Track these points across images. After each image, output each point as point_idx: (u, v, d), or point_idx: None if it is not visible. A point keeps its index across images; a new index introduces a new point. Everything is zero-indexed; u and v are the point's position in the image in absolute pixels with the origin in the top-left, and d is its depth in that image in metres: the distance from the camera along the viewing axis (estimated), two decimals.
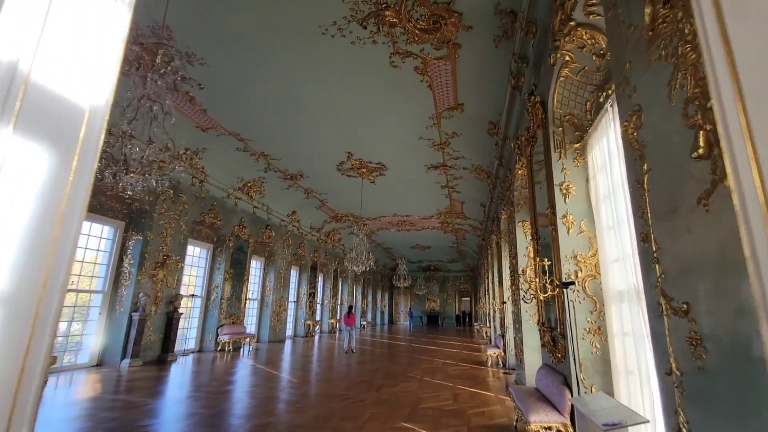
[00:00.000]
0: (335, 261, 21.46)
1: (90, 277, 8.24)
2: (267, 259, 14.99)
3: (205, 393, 6.16)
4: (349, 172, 12.43)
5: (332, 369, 9.00)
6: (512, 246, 7.64)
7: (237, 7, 5.80)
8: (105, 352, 8.26)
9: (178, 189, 9.94)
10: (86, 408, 5.09)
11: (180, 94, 7.89)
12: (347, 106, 8.47)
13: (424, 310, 35.81)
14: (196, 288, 11.31)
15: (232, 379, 7.34)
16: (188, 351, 10.71)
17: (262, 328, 14.37)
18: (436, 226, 20.32)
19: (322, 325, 20.21)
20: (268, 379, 7.39)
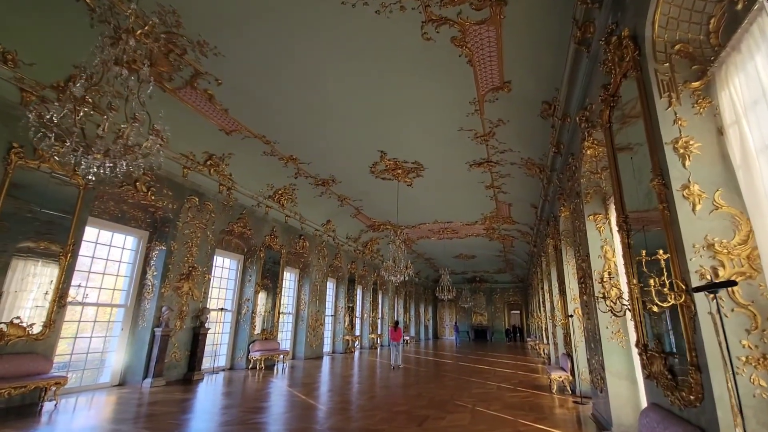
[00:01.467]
0: (374, 273, 20.49)
1: (112, 290, 7.81)
2: (301, 271, 14.30)
3: (227, 421, 5.32)
4: (384, 174, 11.49)
5: (370, 392, 7.91)
6: (580, 247, 6.24)
7: None
8: (127, 371, 7.74)
9: (204, 196, 9.47)
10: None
11: (198, 92, 7.37)
12: (376, 95, 7.56)
13: (471, 324, 33.80)
14: (226, 302, 10.74)
15: (261, 405, 6.48)
16: (218, 369, 10.08)
17: (297, 344, 13.60)
18: (481, 233, 18.82)
19: (362, 340, 19.19)
20: (299, 407, 6.46)
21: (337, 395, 7.52)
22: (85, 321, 7.35)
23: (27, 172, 6.07)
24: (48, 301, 6.16)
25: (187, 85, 7.19)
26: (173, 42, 6.19)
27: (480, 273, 32.94)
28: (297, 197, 12.59)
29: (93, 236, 7.47)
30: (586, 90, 5.16)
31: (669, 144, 2.75)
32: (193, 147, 8.86)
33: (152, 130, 3.16)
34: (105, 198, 7.55)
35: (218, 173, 9.71)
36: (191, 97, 7.50)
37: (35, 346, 5.94)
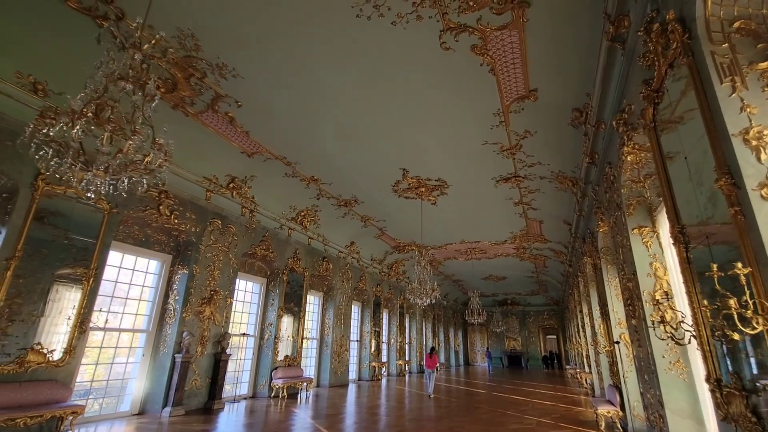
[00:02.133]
0: (400, 296, 19.93)
1: (134, 315, 7.76)
2: (325, 294, 14.01)
3: None
4: (407, 192, 11.20)
5: (398, 426, 7.34)
6: (624, 265, 5.63)
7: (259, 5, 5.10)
8: (147, 399, 7.57)
9: (226, 219, 9.47)
10: None
11: (219, 115, 7.43)
12: (395, 111, 7.36)
13: (504, 349, 32.15)
14: (248, 326, 10.54)
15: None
16: (240, 397, 9.78)
17: (322, 371, 13.15)
18: (511, 252, 18.01)
19: (389, 367, 18.46)
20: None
21: (362, 429, 7.01)
22: (107, 347, 7.29)
23: (64, 200, 6.25)
24: (69, 327, 6.12)
25: (208, 109, 7.27)
26: (193, 66, 6.27)
27: (511, 295, 31.57)
28: (320, 219, 12.46)
29: (117, 260, 7.51)
30: (622, 91, 4.73)
31: (737, 136, 2.30)
32: (216, 170, 8.93)
33: (154, 143, 3.01)
34: (130, 222, 7.62)
35: (241, 196, 9.73)
36: (213, 120, 7.57)
37: (55, 373, 5.86)
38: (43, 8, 5.00)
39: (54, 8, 5.00)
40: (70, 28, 5.21)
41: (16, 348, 5.51)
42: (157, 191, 7.82)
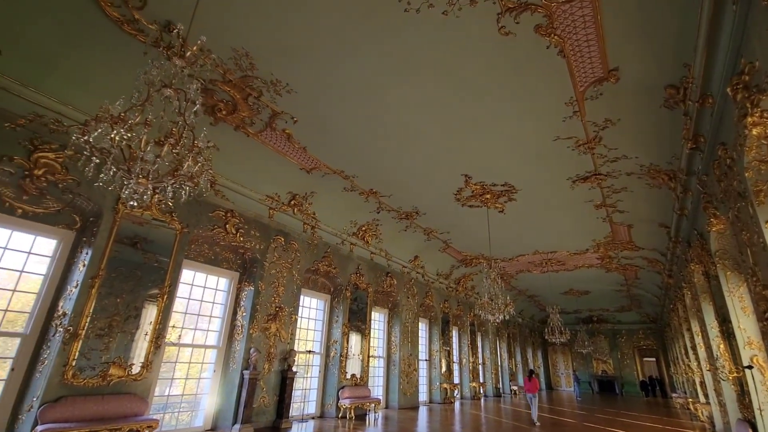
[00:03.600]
0: (470, 312, 18.82)
1: (206, 331, 8.01)
2: (390, 311, 13.59)
3: None
4: (470, 201, 10.50)
5: None
6: (756, 268, 4.44)
7: (304, 14, 5.03)
8: (219, 415, 7.67)
9: (289, 236, 9.58)
10: None
11: (277, 132, 7.54)
12: (452, 112, 6.88)
13: (593, 373, 28.83)
14: (314, 344, 10.45)
15: None
16: (308, 416, 9.61)
17: (390, 392, 12.62)
18: (594, 263, 16.15)
19: (462, 389, 17.32)
20: None
21: None
22: (181, 362, 7.56)
23: (153, 227, 6.82)
24: (146, 342, 6.40)
25: (266, 127, 7.41)
26: (250, 85, 6.41)
27: (597, 312, 28.43)
28: (381, 233, 12.19)
29: (189, 278, 7.85)
30: (738, 48, 3.79)
31: None
32: (277, 188, 9.11)
33: (193, 148, 2.90)
34: (200, 241, 7.96)
35: (302, 212, 9.82)
36: (271, 138, 7.71)
37: (134, 387, 6.11)
38: (113, 41, 5.40)
39: (120, 39, 5.38)
40: (130, 56, 5.57)
41: (101, 361, 5.84)
42: (224, 211, 8.13)
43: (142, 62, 4.75)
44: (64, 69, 5.58)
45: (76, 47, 5.39)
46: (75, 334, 5.58)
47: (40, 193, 5.78)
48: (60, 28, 5.12)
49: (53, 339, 5.54)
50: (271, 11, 5.02)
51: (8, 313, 5.63)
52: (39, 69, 5.44)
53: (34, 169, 5.52)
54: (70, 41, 5.30)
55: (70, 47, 5.37)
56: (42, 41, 5.21)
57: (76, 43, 5.34)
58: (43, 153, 5.61)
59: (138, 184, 2.79)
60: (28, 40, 5.16)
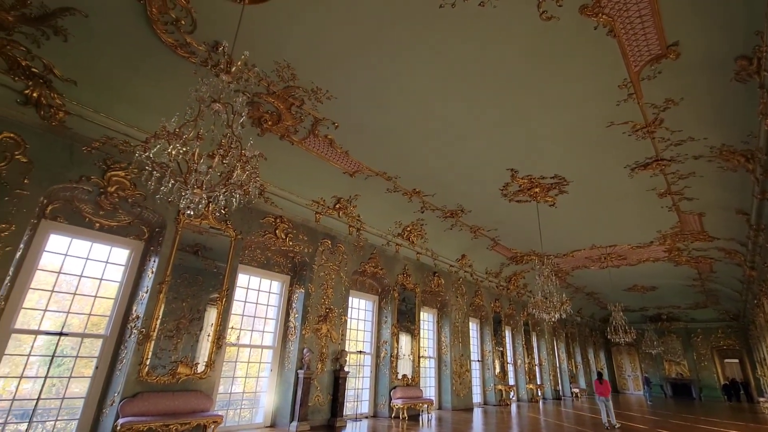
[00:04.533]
0: (523, 311, 18.12)
1: (262, 333, 8.40)
2: (439, 311, 13.44)
3: None
4: (518, 196, 10.12)
5: None
6: None
7: (340, 21, 5.13)
8: (277, 412, 8.02)
9: (335, 239, 9.80)
10: None
11: (320, 138, 7.75)
12: (495, 106, 6.67)
13: (665, 375, 26.60)
14: (364, 344, 10.59)
15: None
16: (361, 416, 9.76)
17: (442, 393, 12.48)
18: (661, 256, 14.91)
19: (518, 391, 16.71)
20: None
21: None
22: (241, 361, 7.99)
23: (211, 235, 7.30)
24: (209, 342, 6.84)
25: (309, 134, 7.64)
26: (292, 95, 6.64)
27: (667, 309, 26.20)
28: (426, 233, 12.11)
29: (245, 282, 8.28)
30: None
31: None
32: (322, 193, 9.36)
33: (241, 156, 3.06)
34: (253, 246, 8.38)
35: (347, 215, 10.01)
36: (315, 144, 7.94)
37: (199, 385, 6.55)
38: (167, 65, 5.84)
39: (174, 62, 5.80)
40: (182, 76, 5.98)
41: (170, 361, 6.33)
42: (273, 217, 8.49)
43: (192, 81, 5.12)
44: (127, 94, 6.13)
45: (136, 73, 5.90)
46: (147, 336, 6.09)
47: (113, 208, 6.39)
48: (123, 58, 5.64)
49: (129, 340, 6.09)
50: (308, 22, 5.17)
51: (92, 317, 6.28)
52: (108, 96, 6.03)
53: (107, 186, 6.11)
54: (132, 68, 5.82)
55: (132, 73, 5.90)
56: (110, 71, 5.76)
57: (136, 70, 5.85)
58: (115, 172, 6.20)
59: (193, 194, 3.01)
60: (98, 71, 5.73)
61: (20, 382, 5.64)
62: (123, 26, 5.17)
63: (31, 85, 5.46)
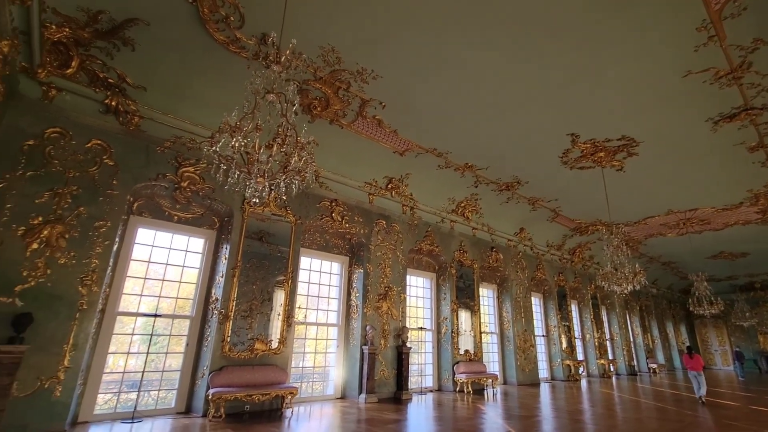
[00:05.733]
0: (590, 284, 17.20)
1: (326, 311, 8.84)
2: (499, 286, 13.18)
3: None
4: (581, 162, 9.48)
5: None
6: None
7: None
8: (346, 385, 8.48)
9: (389, 219, 9.92)
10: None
11: (368, 120, 7.79)
12: (551, 67, 6.23)
13: (760, 349, 24.05)
14: (424, 321, 10.75)
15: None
16: (426, 389, 10.01)
17: (507, 368, 12.36)
18: (752, 218, 13.28)
19: (588, 366, 16.06)
20: None
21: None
22: (309, 338, 8.50)
23: (271, 223, 7.70)
24: (280, 321, 7.35)
25: (358, 116, 7.70)
26: (339, 79, 6.71)
27: (761, 277, 23.42)
28: (481, 207, 11.82)
29: (307, 264, 8.71)
30: None
31: None
32: (374, 174, 9.46)
33: (296, 143, 3.18)
34: (312, 230, 8.75)
35: (400, 195, 10.05)
36: (363, 126, 7.99)
37: (275, 360, 7.10)
38: (222, 62, 6.14)
39: (228, 58, 6.09)
40: (237, 71, 6.25)
41: (247, 338, 6.91)
42: (329, 201, 8.77)
43: (246, 75, 5.36)
44: (190, 94, 6.58)
45: (195, 73, 6.30)
46: (226, 316, 6.69)
47: (187, 201, 6.98)
48: (183, 60, 6.03)
49: (211, 320, 6.72)
50: (350, 4, 5.14)
51: (178, 301, 7.01)
52: (173, 98, 6.52)
53: (181, 182, 6.68)
54: (191, 69, 6.21)
55: (192, 74, 6.30)
56: (172, 74, 6.21)
57: (195, 70, 6.24)
58: (186, 168, 6.75)
59: (257, 182, 3.20)
60: (163, 75, 6.19)
61: (127, 358, 6.50)
62: (180, 30, 5.51)
63: (109, 94, 6.05)
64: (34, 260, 5.13)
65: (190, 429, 5.52)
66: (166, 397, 6.55)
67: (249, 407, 6.57)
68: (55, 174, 5.50)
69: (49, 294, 5.16)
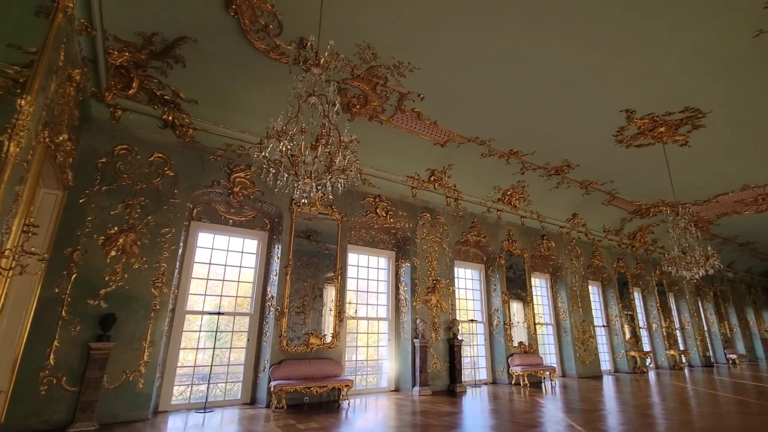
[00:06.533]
0: (654, 270, 16.02)
1: (376, 306, 8.97)
2: (552, 276, 12.65)
3: None
4: (637, 139, 8.83)
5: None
6: None
7: None
8: (399, 378, 8.58)
9: (434, 211, 9.84)
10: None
11: (407, 113, 7.76)
12: (599, 39, 5.84)
13: None
14: (475, 313, 10.58)
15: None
16: (480, 382, 9.87)
17: (565, 360, 11.87)
18: None
19: (656, 357, 15.01)
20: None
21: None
22: (360, 333, 8.69)
23: (319, 221, 7.97)
24: (332, 316, 7.58)
25: (396, 111, 7.70)
26: (376, 75, 6.74)
27: None
28: (529, 195, 11.38)
29: (354, 261, 8.89)
30: None
31: None
32: (416, 167, 9.42)
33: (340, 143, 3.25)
34: (357, 227, 8.90)
35: (443, 186, 9.93)
36: (402, 120, 7.98)
37: (329, 353, 7.35)
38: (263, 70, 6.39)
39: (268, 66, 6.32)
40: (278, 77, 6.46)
41: (303, 333, 7.21)
42: (372, 197, 8.87)
43: (287, 80, 5.54)
44: (236, 103, 6.92)
45: (240, 84, 6.62)
46: (282, 312, 7.01)
47: (240, 205, 7.38)
48: (228, 71, 6.35)
49: (268, 316, 7.08)
50: None
51: (238, 299, 7.45)
52: (221, 108, 6.89)
53: (233, 187, 7.07)
54: (236, 79, 6.53)
55: (237, 85, 6.62)
56: (220, 85, 6.56)
57: (240, 80, 6.55)
58: (237, 173, 7.13)
59: (304, 184, 3.32)
60: (211, 88, 6.57)
61: (196, 353, 7.02)
62: (224, 43, 5.80)
63: (166, 110, 6.53)
64: (113, 266, 5.69)
65: (255, 419, 5.88)
66: (233, 389, 7.01)
67: (308, 399, 6.87)
68: (125, 187, 6.04)
69: (128, 296, 5.70)
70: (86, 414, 4.98)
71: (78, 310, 5.32)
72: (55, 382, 5.00)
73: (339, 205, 8.24)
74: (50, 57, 3.14)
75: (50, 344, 5.06)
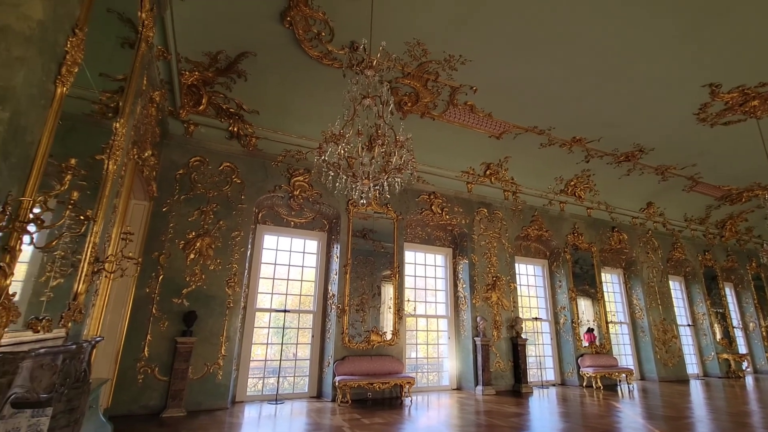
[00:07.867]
0: (749, 262, 14.17)
1: (434, 303, 8.92)
2: (625, 270, 11.70)
3: None
4: (725, 116, 7.86)
5: None
6: None
7: None
8: (461, 377, 8.46)
9: (491, 206, 9.54)
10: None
11: (459, 107, 7.61)
12: (676, 9, 5.27)
13: None
14: (539, 311, 10.11)
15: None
16: (547, 383, 9.41)
17: (643, 362, 10.93)
18: None
19: (754, 360, 13.28)
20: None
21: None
22: (420, 330, 8.69)
23: (373, 220, 8.09)
24: (391, 314, 7.67)
25: (448, 105, 7.58)
26: (426, 71, 6.69)
27: None
28: (595, 184, 10.61)
29: (411, 258, 8.90)
30: None
31: None
32: (471, 162, 9.20)
33: (396, 142, 3.28)
34: (413, 225, 8.90)
35: (500, 180, 9.60)
36: (455, 114, 7.83)
37: (390, 350, 7.44)
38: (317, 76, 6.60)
39: (322, 72, 6.52)
40: (332, 82, 6.63)
41: (363, 330, 7.37)
42: (427, 194, 8.82)
43: (341, 83, 5.68)
44: (293, 110, 7.24)
45: (296, 91, 6.91)
46: (343, 310, 7.23)
47: (299, 207, 7.72)
48: (286, 81, 6.67)
49: (331, 314, 7.34)
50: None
51: (301, 297, 7.81)
52: (280, 116, 7.26)
53: (294, 191, 7.42)
54: (292, 88, 6.83)
55: (294, 93, 6.93)
56: (279, 94, 6.91)
57: (295, 88, 6.85)
58: (297, 177, 7.47)
59: (363, 185, 3.40)
60: (271, 97, 6.94)
61: (267, 348, 7.48)
62: (280, 54, 6.09)
63: (231, 122, 7.02)
64: (192, 268, 6.25)
65: (323, 412, 6.13)
66: (300, 382, 7.37)
67: (371, 394, 7.02)
68: (200, 195, 6.60)
69: (206, 295, 6.23)
70: (176, 401, 5.54)
71: (165, 307, 5.92)
72: (150, 372, 5.61)
73: (394, 204, 8.31)
74: (136, 82, 3.53)
75: (144, 338, 5.69)
